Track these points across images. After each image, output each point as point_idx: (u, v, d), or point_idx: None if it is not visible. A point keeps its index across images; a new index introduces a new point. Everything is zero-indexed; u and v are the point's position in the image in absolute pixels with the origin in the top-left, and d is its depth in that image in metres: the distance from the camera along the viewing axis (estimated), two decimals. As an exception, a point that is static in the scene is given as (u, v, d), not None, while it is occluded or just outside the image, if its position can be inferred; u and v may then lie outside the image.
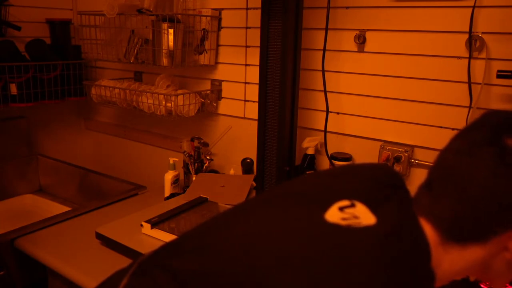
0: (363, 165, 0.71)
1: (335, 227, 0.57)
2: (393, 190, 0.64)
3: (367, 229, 0.57)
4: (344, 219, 0.58)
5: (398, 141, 1.31)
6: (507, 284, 0.94)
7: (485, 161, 0.57)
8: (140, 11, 1.53)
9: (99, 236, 1.25)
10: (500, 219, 0.57)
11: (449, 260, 0.60)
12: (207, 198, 1.43)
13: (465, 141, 0.61)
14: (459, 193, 0.58)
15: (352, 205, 0.60)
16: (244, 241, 0.60)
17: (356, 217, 0.58)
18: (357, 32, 1.31)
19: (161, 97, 1.57)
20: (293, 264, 0.54)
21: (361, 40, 1.31)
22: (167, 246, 0.68)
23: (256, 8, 1.49)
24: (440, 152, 0.64)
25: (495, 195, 0.56)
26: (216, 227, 0.67)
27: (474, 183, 0.57)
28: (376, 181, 0.66)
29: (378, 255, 0.54)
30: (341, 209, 0.60)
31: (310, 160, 1.43)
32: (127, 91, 1.67)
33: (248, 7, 1.52)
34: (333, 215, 0.59)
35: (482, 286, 0.96)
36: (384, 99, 1.31)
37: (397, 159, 1.28)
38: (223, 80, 1.64)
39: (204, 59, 1.60)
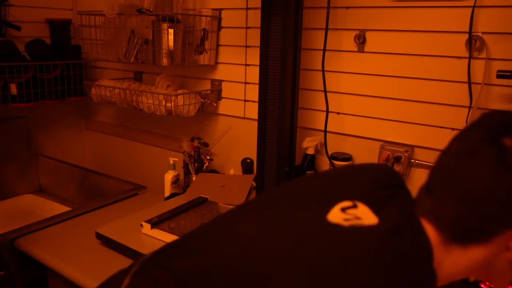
0: (364, 166, 0.72)
1: (337, 227, 0.58)
2: (394, 190, 0.64)
3: (369, 229, 0.57)
4: (346, 219, 0.58)
5: (398, 141, 1.31)
6: (510, 286, 0.94)
7: (486, 162, 0.57)
8: (140, 11, 1.53)
9: (99, 236, 1.25)
10: (502, 219, 0.57)
11: (451, 260, 0.60)
12: (207, 198, 1.43)
13: (465, 143, 0.61)
14: (461, 195, 0.58)
15: (354, 206, 0.61)
16: (244, 242, 0.60)
17: (358, 217, 0.58)
18: (357, 32, 1.31)
19: (161, 97, 1.57)
20: (294, 265, 0.54)
21: (361, 40, 1.30)
22: (168, 247, 0.68)
23: (256, 8, 1.49)
24: (440, 154, 0.64)
25: (496, 196, 0.56)
26: (216, 228, 0.67)
27: (476, 185, 0.57)
28: (377, 182, 0.66)
29: (380, 255, 0.54)
30: (343, 210, 0.60)
31: (310, 160, 1.43)
32: (127, 91, 1.67)
33: (248, 7, 1.52)
34: (335, 215, 0.59)
35: (482, 286, 0.96)
36: (384, 99, 1.31)
37: (397, 159, 1.28)
38: (223, 80, 1.64)
39: (204, 59, 1.60)
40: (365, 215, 0.59)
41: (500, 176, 0.56)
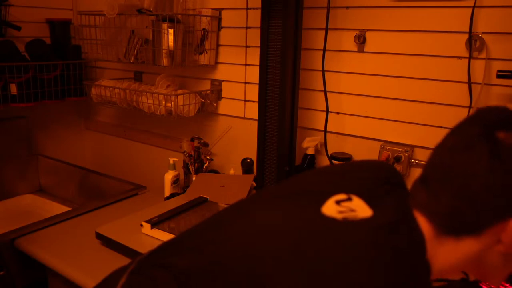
0: (364, 163, 0.72)
1: (331, 220, 0.58)
2: (391, 187, 0.65)
3: (363, 221, 0.57)
4: (340, 212, 0.59)
5: (398, 141, 1.31)
6: (507, 284, 0.94)
7: (480, 156, 0.58)
8: (140, 11, 1.53)
9: (99, 236, 1.25)
10: (495, 212, 0.58)
11: (444, 253, 0.60)
12: (207, 198, 1.43)
13: (460, 137, 0.61)
14: (456, 189, 0.59)
15: (349, 199, 0.61)
16: (243, 241, 0.60)
17: (352, 210, 0.59)
18: (357, 32, 1.31)
19: (161, 97, 1.57)
20: (294, 265, 0.54)
21: (361, 40, 1.30)
22: (165, 245, 0.68)
23: (256, 8, 1.49)
24: (434, 148, 0.65)
25: (490, 189, 0.57)
26: (214, 226, 0.67)
27: (471, 179, 0.58)
28: (375, 178, 0.66)
29: (374, 247, 0.54)
30: (338, 202, 0.61)
31: (310, 160, 1.43)
32: (127, 91, 1.67)
33: (248, 7, 1.52)
34: (330, 208, 0.60)
35: (482, 286, 0.96)
36: (384, 99, 1.31)
37: (397, 159, 1.28)
38: (223, 80, 1.64)
39: (204, 59, 1.60)
40: (360, 208, 0.59)
41: (495, 170, 0.56)
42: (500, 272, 0.64)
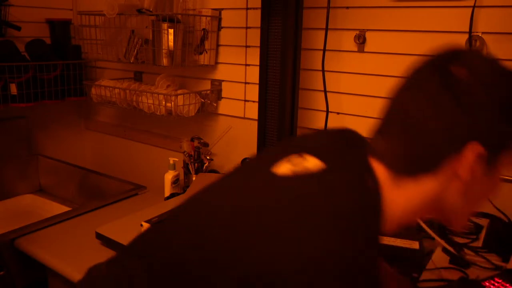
0: (329, 130, 0.73)
1: (282, 177, 0.59)
2: (350, 146, 0.65)
3: (314, 174, 0.58)
4: (292, 170, 0.59)
5: (398, 141, 1.31)
6: (507, 284, 0.94)
7: (432, 91, 0.58)
8: (140, 11, 1.53)
9: (99, 236, 1.25)
10: (447, 145, 0.57)
11: (403, 195, 0.60)
12: (207, 198, 1.43)
13: (412, 78, 0.62)
14: (407, 126, 0.59)
15: (302, 157, 0.62)
16: (199, 205, 0.63)
17: (304, 167, 0.60)
18: (357, 32, 1.31)
19: (161, 97, 1.57)
20: (240, 217, 0.55)
21: (361, 40, 1.31)
22: (136, 237, 0.71)
23: (256, 8, 1.49)
24: (390, 95, 0.65)
25: (443, 123, 0.57)
26: (189, 213, 0.68)
27: (419, 115, 0.58)
28: (334, 140, 0.67)
29: (324, 196, 0.54)
30: (290, 161, 0.62)
31: (310, 160, 1.43)
32: (127, 91, 1.67)
33: (248, 7, 1.52)
34: (282, 167, 0.61)
35: (484, 285, 0.96)
36: (384, 99, 1.31)
37: (397, 159, 1.28)
38: (223, 80, 1.64)
39: (204, 59, 1.60)
40: (312, 163, 0.60)
41: (448, 103, 0.56)
42: (462, 212, 0.64)
